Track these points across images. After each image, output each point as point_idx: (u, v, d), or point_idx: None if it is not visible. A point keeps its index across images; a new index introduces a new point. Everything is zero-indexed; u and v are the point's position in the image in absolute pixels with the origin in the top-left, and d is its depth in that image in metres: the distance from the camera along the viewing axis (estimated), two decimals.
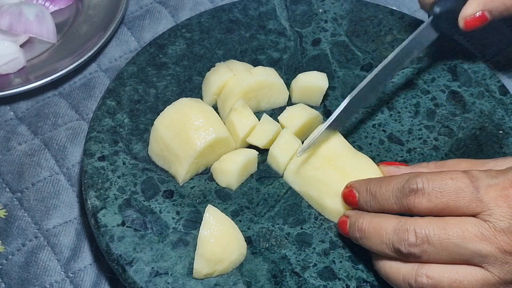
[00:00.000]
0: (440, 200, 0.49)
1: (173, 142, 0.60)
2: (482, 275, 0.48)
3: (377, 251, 0.52)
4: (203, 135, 0.59)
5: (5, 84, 0.72)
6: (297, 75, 0.67)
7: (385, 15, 0.73)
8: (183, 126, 0.60)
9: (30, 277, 0.61)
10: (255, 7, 0.74)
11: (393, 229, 0.50)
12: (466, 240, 0.48)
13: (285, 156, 0.61)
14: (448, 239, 0.48)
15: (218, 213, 0.56)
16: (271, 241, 0.58)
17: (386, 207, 0.52)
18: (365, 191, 0.54)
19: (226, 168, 0.60)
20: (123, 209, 0.59)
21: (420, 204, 0.50)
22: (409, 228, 0.49)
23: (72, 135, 0.70)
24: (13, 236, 0.64)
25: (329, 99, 0.68)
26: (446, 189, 0.49)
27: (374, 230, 0.52)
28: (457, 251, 0.48)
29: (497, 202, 0.48)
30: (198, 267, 0.55)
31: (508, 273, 0.48)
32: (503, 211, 0.48)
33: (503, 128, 0.65)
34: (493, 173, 0.50)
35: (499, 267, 0.48)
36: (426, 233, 0.49)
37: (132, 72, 0.68)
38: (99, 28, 0.76)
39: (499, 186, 0.48)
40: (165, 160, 0.61)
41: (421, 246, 0.49)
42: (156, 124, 0.61)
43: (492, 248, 0.48)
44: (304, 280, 0.56)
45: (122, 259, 0.56)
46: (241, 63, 0.67)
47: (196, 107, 0.60)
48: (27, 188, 0.66)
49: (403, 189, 0.50)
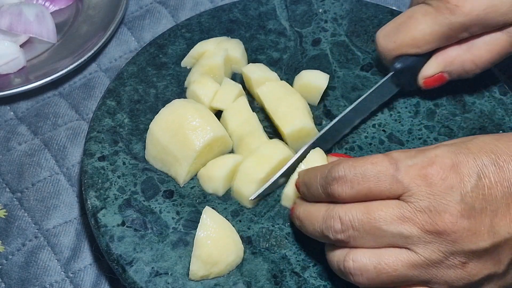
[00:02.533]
0: (362, 186, 0.49)
1: (170, 144, 0.60)
2: (407, 257, 0.48)
3: (315, 238, 0.53)
4: (201, 134, 0.59)
5: (5, 84, 0.72)
6: (301, 72, 0.67)
7: (385, 15, 0.73)
8: (180, 127, 0.60)
9: (30, 277, 0.61)
10: (255, 7, 0.74)
11: (322, 216, 0.51)
12: (388, 223, 0.48)
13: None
14: (370, 223, 0.48)
15: (216, 214, 0.56)
16: (271, 241, 0.58)
17: (316, 196, 0.53)
18: (301, 181, 0.55)
19: (212, 175, 0.60)
20: (123, 209, 0.59)
21: (343, 192, 0.50)
22: (334, 215, 0.50)
23: (72, 135, 0.70)
24: (13, 236, 0.64)
25: (329, 99, 0.68)
26: (367, 174, 0.49)
27: (307, 218, 0.53)
28: (380, 234, 0.48)
29: (416, 182, 0.48)
30: (194, 268, 0.55)
31: (433, 252, 0.48)
32: (422, 190, 0.47)
33: (503, 128, 0.65)
34: (412, 153, 0.49)
35: (423, 247, 0.48)
36: (350, 219, 0.49)
37: (132, 72, 0.68)
38: (99, 28, 0.76)
39: (417, 166, 0.48)
40: (163, 163, 0.61)
41: (347, 232, 0.49)
42: (151, 127, 0.61)
43: (414, 229, 0.47)
44: (304, 280, 0.56)
45: (122, 259, 0.56)
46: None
47: (191, 107, 0.60)
48: (27, 188, 0.66)
49: (326, 178, 0.51)
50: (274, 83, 0.65)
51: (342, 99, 0.67)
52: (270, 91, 0.64)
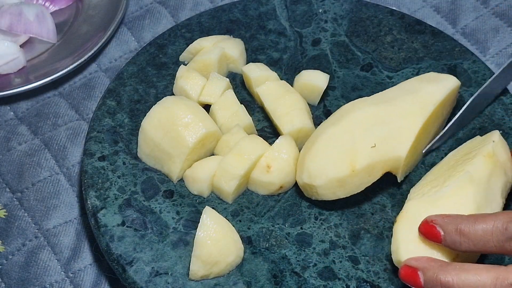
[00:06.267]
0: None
1: (163, 141, 0.60)
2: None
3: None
4: (193, 131, 0.60)
5: (5, 84, 0.72)
6: (301, 72, 0.67)
7: (385, 15, 0.73)
8: (172, 124, 0.60)
9: (30, 277, 0.61)
10: (255, 7, 0.74)
11: (491, 285, 0.46)
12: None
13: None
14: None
15: (216, 214, 0.56)
16: (271, 241, 0.58)
17: (481, 248, 0.48)
18: (454, 230, 0.49)
19: (196, 176, 0.60)
20: (123, 209, 0.59)
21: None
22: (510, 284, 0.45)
23: (72, 135, 0.70)
24: (13, 236, 0.64)
25: (329, 99, 0.68)
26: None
27: (465, 287, 0.47)
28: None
29: None
30: (194, 268, 0.55)
31: None
32: None
33: (503, 128, 0.64)
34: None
35: None
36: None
37: (132, 72, 0.68)
38: (99, 28, 0.76)
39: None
40: (156, 160, 0.61)
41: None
42: (143, 125, 0.61)
43: None
44: (304, 280, 0.56)
45: (122, 259, 0.56)
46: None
47: (183, 104, 0.61)
48: (27, 188, 0.66)
49: (506, 232, 0.47)
50: (274, 82, 0.65)
51: (342, 99, 0.67)
52: (270, 91, 0.64)
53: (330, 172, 0.57)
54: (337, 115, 0.60)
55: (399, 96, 0.60)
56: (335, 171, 0.57)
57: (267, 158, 0.60)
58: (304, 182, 0.58)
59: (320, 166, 0.57)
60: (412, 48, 0.71)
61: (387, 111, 0.59)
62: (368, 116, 0.59)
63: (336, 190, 0.57)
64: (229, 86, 0.66)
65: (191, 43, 0.70)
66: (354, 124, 0.58)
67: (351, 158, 0.57)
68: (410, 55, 0.70)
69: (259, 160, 0.60)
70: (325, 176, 0.57)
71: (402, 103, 0.59)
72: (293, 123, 0.62)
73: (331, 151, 0.58)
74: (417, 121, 0.59)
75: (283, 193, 0.61)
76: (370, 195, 0.61)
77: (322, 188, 0.57)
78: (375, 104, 0.60)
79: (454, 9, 0.80)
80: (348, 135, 0.58)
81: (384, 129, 0.58)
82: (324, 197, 0.58)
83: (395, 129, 0.58)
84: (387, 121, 0.59)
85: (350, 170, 0.56)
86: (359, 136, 0.58)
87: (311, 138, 0.60)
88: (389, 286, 0.55)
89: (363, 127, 0.58)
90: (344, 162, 0.57)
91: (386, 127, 0.58)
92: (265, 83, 0.65)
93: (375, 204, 0.61)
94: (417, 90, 0.60)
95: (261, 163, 0.60)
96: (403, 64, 0.70)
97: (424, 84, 0.61)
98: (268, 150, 0.60)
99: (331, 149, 0.58)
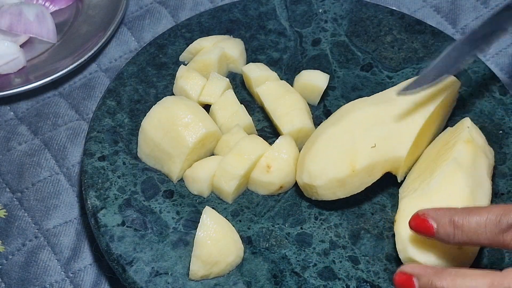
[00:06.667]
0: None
1: (163, 141, 0.60)
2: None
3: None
4: (193, 131, 0.60)
5: (5, 84, 0.72)
6: (301, 72, 0.67)
7: (385, 15, 0.73)
8: (172, 124, 0.60)
9: (30, 277, 0.61)
10: (255, 7, 0.74)
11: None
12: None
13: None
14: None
15: (216, 214, 0.56)
16: (271, 241, 0.58)
17: (474, 240, 0.48)
18: (448, 222, 0.49)
19: (196, 176, 0.60)
20: (123, 209, 0.59)
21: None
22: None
23: (72, 135, 0.70)
24: (13, 236, 0.64)
25: (329, 99, 0.68)
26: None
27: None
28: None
29: None
30: (194, 268, 0.55)
31: None
32: None
33: (503, 128, 0.65)
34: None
35: None
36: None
37: (132, 72, 0.68)
38: (99, 28, 0.76)
39: None
40: (156, 160, 0.61)
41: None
42: (143, 125, 0.61)
43: None
44: (304, 280, 0.56)
45: (122, 259, 0.56)
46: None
47: (183, 104, 0.61)
48: (27, 188, 0.66)
49: (499, 224, 0.47)
50: (274, 82, 0.65)
51: (342, 99, 0.67)
52: (269, 91, 0.64)
53: (330, 172, 0.57)
54: (337, 115, 0.60)
55: (399, 96, 0.60)
56: (335, 171, 0.57)
57: (267, 158, 0.60)
58: (304, 182, 0.58)
59: (320, 166, 0.57)
60: (412, 48, 0.71)
61: (387, 111, 0.59)
62: (368, 116, 0.59)
63: (336, 190, 0.57)
64: (229, 86, 0.66)
65: (191, 43, 0.70)
66: (354, 124, 0.58)
67: (351, 158, 0.57)
68: (410, 55, 0.70)
69: (259, 160, 0.60)
70: (325, 176, 0.57)
71: (402, 103, 0.59)
72: (293, 123, 0.62)
73: (331, 151, 0.58)
74: (417, 121, 0.59)
75: (283, 193, 0.61)
76: (370, 195, 0.61)
77: (322, 188, 0.57)
78: (375, 104, 0.60)
79: (454, 9, 0.80)
80: (348, 135, 0.58)
81: (384, 129, 0.58)
82: (324, 197, 0.58)
83: (395, 129, 0.58)
84: (387, 121, 0.59)
85: (350, 170, 0.57)
86: (359, 136, 0.58)
87: (311, 138, 0.60)
88: (389, 286, 0.55)
89: (363, 127, 0.58)
90: (344, 162, 0.57)
91: (386, 127, 0.58)
92: (265, 83, 0.65)
93: (375, 204, 0.61)
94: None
95: (261, 163, 0.60)
96: (403, 64, 0.70)
97: None
98: (268, 150, 0.60)
99: (331, 149, 0.58)
